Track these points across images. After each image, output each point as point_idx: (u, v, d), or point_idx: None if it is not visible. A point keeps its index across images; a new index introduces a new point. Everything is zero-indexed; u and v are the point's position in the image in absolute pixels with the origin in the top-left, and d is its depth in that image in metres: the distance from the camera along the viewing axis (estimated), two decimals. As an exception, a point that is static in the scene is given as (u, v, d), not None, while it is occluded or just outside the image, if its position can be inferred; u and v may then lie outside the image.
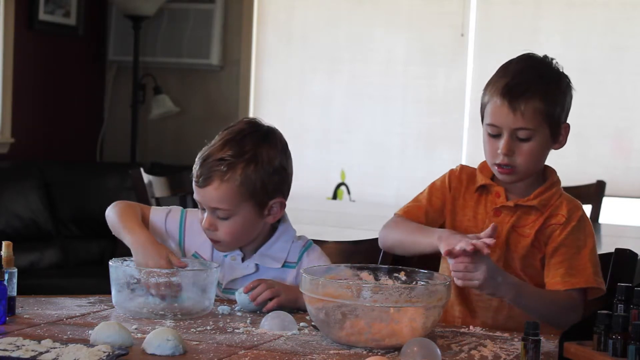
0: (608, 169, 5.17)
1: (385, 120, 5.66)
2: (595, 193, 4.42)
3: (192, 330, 1.96)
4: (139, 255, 2.17)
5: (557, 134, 2.23)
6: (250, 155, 2.22)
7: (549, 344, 1.96)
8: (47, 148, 5.69)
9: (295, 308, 2.15)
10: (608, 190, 4.53)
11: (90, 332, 1.84)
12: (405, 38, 5.63)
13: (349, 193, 5.63)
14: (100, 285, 2.34)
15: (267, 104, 5.92)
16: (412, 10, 5.61)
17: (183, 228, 2.34)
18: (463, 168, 2.33)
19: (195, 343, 1.86)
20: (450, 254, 2.05)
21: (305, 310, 2.00)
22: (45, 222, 5.08)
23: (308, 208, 4.46)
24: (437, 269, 2.30)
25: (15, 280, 2.04)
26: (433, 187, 2.32)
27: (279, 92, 5.91)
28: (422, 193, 2.33)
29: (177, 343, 1.76)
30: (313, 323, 1.99)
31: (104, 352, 1.71)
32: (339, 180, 5.64)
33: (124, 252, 2.26)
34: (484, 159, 2.27)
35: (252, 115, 5.86)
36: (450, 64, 5.49)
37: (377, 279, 2.09)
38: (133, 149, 5.82)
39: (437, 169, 2.38)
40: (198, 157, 2.27)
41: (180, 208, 2.38)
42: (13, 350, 1.71)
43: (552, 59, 2.27)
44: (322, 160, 5.67)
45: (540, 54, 2.27)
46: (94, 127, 6.08)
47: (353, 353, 1.84)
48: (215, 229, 2.25)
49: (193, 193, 2.31)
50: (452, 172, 2.33)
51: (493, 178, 2.27)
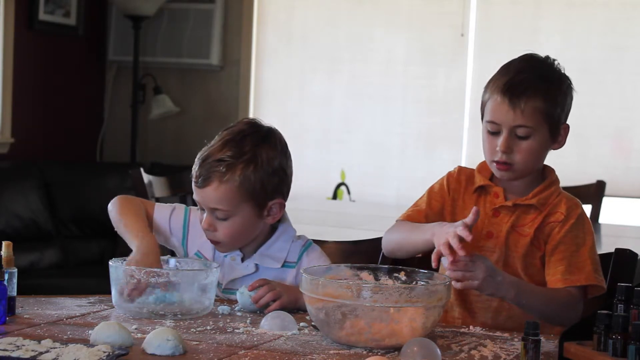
0: (608, 169, 5.17)
1: (385, 120, 5.66)
2: (595, 193, 4.42)
3: (192, 330, 1.96)
4: (136, 261, 2.16)
5: (556, 134, 2.23)
6: (250, 156, 2.22)
7: (549, 344, 1.96)
8: (47, 148, 5.69)
9: (296, 308, 2.15)
10: (608, 190, 4.53)
11: (90, 332, 1.84)
12: (405, 38, 5.63)
13: (349, 193, 5.63)
14: (100, 285, 2.34)
15: (267, 104, 5.92)
16: (412, 10, 5.61)
17: (187, 227, 2.34)
18: (461, 170, 2.33)
19: (195, 343, 1.86)
20: (442, 253, 2.04)
21: (305, 310, 2.00)
22: (45, 222, 5.08)
23: (308, 208, 4.46)
24: (437, 269, 2.30)
25: (15, 280, 2.04)
26: (432, 191, 2.32)
27: (279, 92, 5.91)
28: (421, 198, 2.33)
29: (177, 343, 1.76)
30: (313, 323, 1.99)
31: (104, 352, 1.71)
32: (339, 180, 5.64)
33: (124, 252, 2.26)
34: (483, 160, 2.28)
35: (252, 115, 5.87)
36: (450, 64, 5.49)
37: (377, 279, 2.09)
38: (133, 149, 5.82)
39: (437, 169, 2.38)
40: (197, 157, 2.27)
41: (184, 206, 2.38)
42: (13, 350, 1.71)
43: (553, 60, 2.27)
44: (322, 160, 5.67)
45: (542, 54, 2.28)
46: (94, 127, 6.08)
47: (353, 353, 1.84)
48: (215, 230, 2.25)
49: (193, 193, 2.31)
50: (449, 174, 2.33)
51: (492, 178, 2.28)
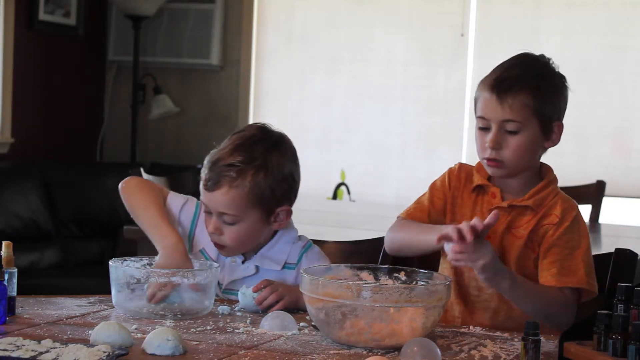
0: (608, 169, 5.17)
1: (385, 120, 5.66)
2: (595, 193, 4.42)
3: (192, 330, 1.96)
4: (162, 260, 2.16)
5: (548, 131, 2.22)
6: (261, 162, 2.23)
7: (549, 344, 1.96)
8: (47, 148, 5.69)
9: (296, 308, 2.15)
10: (608, 190, 4.53)
11: (90, 332, 1.84)
12: (405, 38, 5.63)
13: (349, 193, 5.63)
14: (100, 285, 2.34)
15: (267, 104, 5.92)
16: (412, 10, 5.61)
17: (195, 222, 2.34)
18: (462, 166, 2.33)
19: (195, 343, 1.86)
20: (451, 238, 2.03)
21: (306, 310, 2.00)
22: (45, 222, 5.08)
23: (308, 208, 4.46)
24: (437, 269, 2.30)
25: (15, 280, 2.04)
26: (434, 187, 2.32)
27: (279, 92, 5.91)
28: (423, 195, 2.33)
29: (177, 343, 1.76)
30: (313, 323, 1.99)
31: (104, 352, 1.71)
32: (339, 180, 5.64)
33: (124, 252, 2.26)
34: None
35: (252, 115, 5.87)
36: (450, 64, 5.49)
37: (377, 279, 2.09)
38: (133, 149, 5.82)
39: (437, 169, 2.38)
40: (207, 160, 2.26)
41: (196, 200, 2.38)
42: (13, 350, 1.71)
43: (548, 59, 2.27)
44: (322, 160, 5.67)
45: (542, 54, 2.27)
46: (94, 127, 6.08)
47: (353, 353, 1.84)
48: (221, 233, 2.25)
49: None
50: (451, 170, 2.33)
51: (490, 178, 2.27)
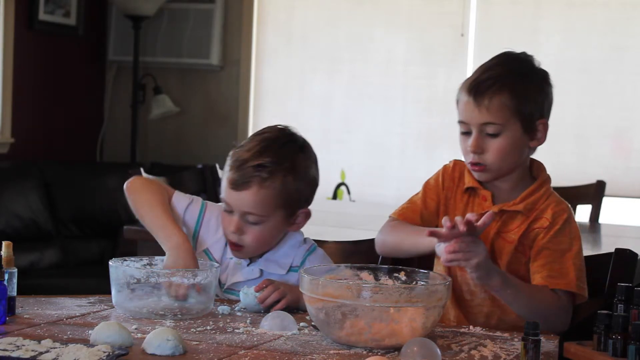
0: (608, 169, 5.16)
1: (385, 120, 5.66)
2: (595, 193, 4.42)
3: (192, 330, 1.96)
4: (178, 262, 2.16)
5: (531, 131, 2.18)
6: (290, 165, 2.24)
7: (549, 344, 1.96)
8: (47, 148, 5.69)
9: (298, 308, 2.15)
10: (608, 190, 4.53)
11: (90, 332, 1.84)
12: (405, 38, 5.63)
13: (349, 193, 5.63)
14: (100, 285, 2.34)
15: (267, 104, 5.92)
16: (412, 10, 5.61)
17: (200, 222, 2.34)
18: (456, 164, 2.30)
19: (195, 343, 1.86)
20: (442, 235, 2.02)
21: (306, 310, 2.00)
22: (45, 222, 5.08)
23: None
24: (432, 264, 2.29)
25: (15, 280, 2.04)
26: (427, 186, 2.31)
27: (279, 92, 5.91)
28: (417, 194, 2.31)
29: (177, 343, 1.76)
30: (313, 323, 1.99)
31: (104, 352, 1.71)
32: (339, 180, 5.64)
33: (124, 252, 2.26)
34: None
35: (252, 115, 5.88)
36: (450, 64, 5.49)
37: (377, 279, 2.09)
38: (133, 149, 5.82)
39: (437, 169, 2.37)
40: (232, 160, 2.25)
41: (201, 200, 2.38)
42: (13, 350, 1.71)
43: (530, 56, 2.22)
44: (322, 160, 5.57)
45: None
46: (94, 127, 6.08)
47: (353, 353, 1.84)
48: (242, 233, 2.24)
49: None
50: (445, 168, 2.31)
51: (481, 181, 2.24)
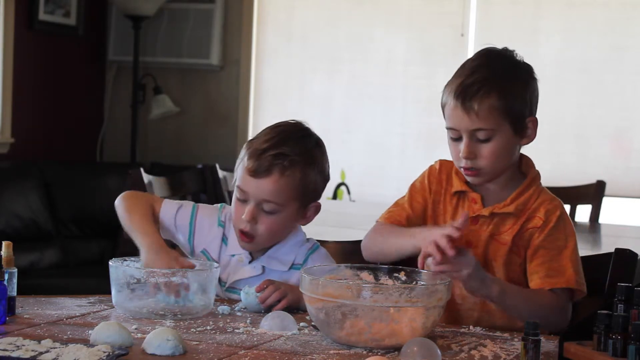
0: (608, 169, 5.16)
1: (385, 120, 5.67)
2: (595, 193, 4.42)
3: (192, 330, 1.96)
4: (149, 260, 2.17)
5: (521, 129, 2.14)
6: (309, 156, 2.25)
7: (549, 344, 1.96)
8: (47, 148, 5.69)
9: (297, 308, 2.15)
10: (608, 190, 4.53)
11: (90, 332, 1.84)
12: (405, 38, 5.63)
13: (349, 193, 5.63)
14: (100, 285, 2.34)
15: (267, 104, 5.92)
16: (412, 10, 5.61)
17: (193, 225, 2.34)
18: (442, 165, 2.26)
19: (195, 343, 1.86)
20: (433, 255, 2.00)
21: (306, 310, 2.00)
22: (45, 222, 5.08)
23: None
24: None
25: (15, 280, 2.04)
26: (413, 189, 2.27)
27: (279, 92, 5.91)
28: (403, 197, 2.28)
29: (177, 343, 1.76)
30: (313, 323, 1.99)
31: (104, 352, 1.71)
32: (339, 180, 5.64)
33: (124, 252, 2.26)
34: None
35: (252, 115, 5.88)
36: (450, 64, 5.43)
37: (377, 279, 2.09)
38: (133, 149, 5.82)
39: (435, 169, 2.36)
40: (250, 149, 2.24)
41: (192, 203, 2.37)
42: (13, 350, 1.71)
43: (512, 51, 2.18)
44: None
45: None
46: (94, 127, 6.09)
47: (353, 353, 1.84)
48: (256, 223, 2.24)
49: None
50: (431, 170, 2.27)
51: (469, 182, 2.21)
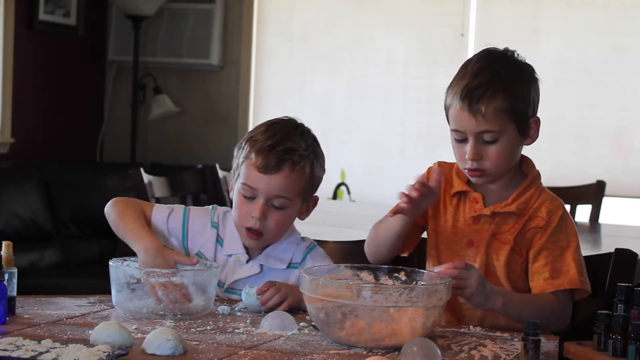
0: (608, 169, 5.16)
1: (385, 120, 5.67)
2: (595, 193, 4.42)
3: (192, 330, 1.96)
4: (147, 263, 2.17)
5: (525, 130, 2.16)
6: (314, 151, 2.28)
7: (549, 344, 1.96)
8: (47, 148, 5.69)
9: (299, 308, 2.15)
10: (608, 190, 4.53)
11: (90, 332, 1.84)
12: (405, 38, 5.63)
13: (349, 193, 5.63)
14: (100, 285, 2.34)
15: (267, 104, 5.92)
16: (412, 10, 5.61)
17: (186, 228, 2.34)
18: (441, 167, 2.25)
19: (195, 343, 1.86)
20: (404, 209, 2.04)
21: (306, 311, 2.00)
22: (45, 222, 5.08)
23: (308, 208, 4.45)
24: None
25: (15, 280, 2.04)
26: None
27: (279, 92, 5.91)
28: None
29: (177, 343, 1.76)
30: (313, 323, 1.99)
31: (104, 352, 1.71)
32: (339, 180, 5.64)
33: (124, 252, 2.26)
34: None
35: (252, 115, 5.88)
36: (450, 64, 5.45)
37: (377, 279, 2.09)
38: (133, 149, 5.82)
39: (436, 169, 2.36)
40: (256, 146, 2.23)
41: (183, 207, 2.38)
42: (13, 350, 1.71)
43: (513, 52, 2.20)
44: (322, 160, 5.66)
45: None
46: (94, 127, 6.09)
47: (353, 353, 1.84)
48: (266, 219, 2.24)
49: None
50: (430, 172, 2.26)
51: (470, 182, 2.22)
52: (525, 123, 2.16)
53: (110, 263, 2.13)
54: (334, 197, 5.59)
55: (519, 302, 2.11)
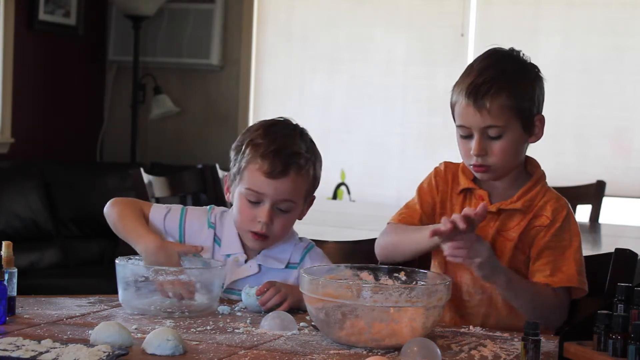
0: (608, 169, 5.16)
1: (385, 120, 5.66)
2: (595, 193, 4.43)
3: (192, 330, 1.96)
4: (151, 261, 2.17)
5: (530, 128, 2.18)
6: (314, 153, 2.31)
7: (549, 344, 1.96)
8: (47, 148, 5.69)
9: (299, 308, 2.15)
10: (608, 190, 4.53)
11: (90, 332, 1.84)
12: (405, 38, 5.63)
13: (349, 193, 5.63)
14: (100, 285, 2.34)
15: (267, 104, 5.92)
16: (412, 10, 5.61)
17: (183, 228, 2.33)
18: (447, 166, 2.30)
19: (195, 343, 1.86)
20: (444, 232, 2.02)
21: (306, 311, 2.00)
22: (45, 222, 5.08)
23: (308, 208, 4.45)
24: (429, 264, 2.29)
25: (15, 280, 2.04)
26: (421, 190, 2.29)
27: (279, 92, 5.91)
28: (412, 199, 2.30)
29: (177, 343, 1.76)
30: (313, 323, 1.99)
31: (104, 352, 1.71)
32: (339, 180, 5.64)
33: (124, 251, 2.26)
34: None
35: (252, 115, 5.87)
36: (450, 64, 5.48)
37: (377, 279, 2.09)
38: (133, 149, 5.82)
39: (436, 169, 2.36)
40: (260, 150, 2.23)
41: (181, 207, 2.37)
42: (13, 350, 1.71)
43: (518, 51, 2.23)
44: (322, 160, 5.66)
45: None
46: (94, 127, 6.09)
47: (353, 353, 1.84)
48: (272, 223, 2.25)
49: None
50: (437, 171, 2.30)
51: (475, 179, 2.24)
52: (530, 121, 2.18)
53: (117, 261, 2.13)
54: (334, 197, 5.59)
55: (520, 284, 2.13)
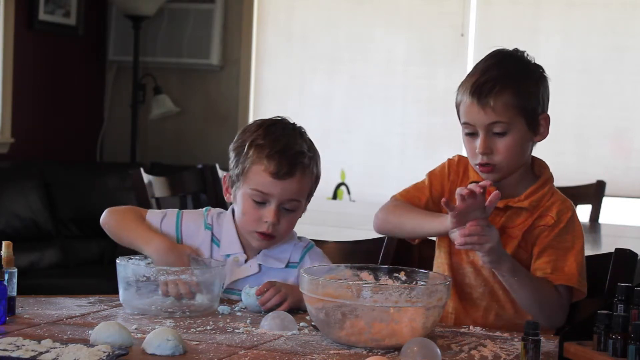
0: (608, 169, 5.16)
1: (385, 120, 5.66)
2: (595, 193, 4.42)
3: (192, 330, 1.96)
4: (162, 263, 2.18)
5: (535, 126, 2.19)
6: (314, 151, 2.33)
7: (549, 344, 1.96)
8: (47, 148, 5.69)
9: (299, 308, 2.15)
10: (608, 190, 4.53)
11: (90, 332, 1.84)
12: (405, 38, 5.63)
13: (349, 193, 5.63)
14: (100, 285, 2.34)
15: (267, 104, 5.92)
16: (412, 10, 5.61)
17: (180, 231, 2.33)
18: (461, 159, 2.31)
19: (195, 343, 1.86)
20: (452, 205, 2.04)
21: (306, 311, 2.00)
22: (45, 222, 5.08)
23: (308, 208, 4.45)
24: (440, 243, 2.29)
25: (15, 280, 2.04)
26: (432, 175, 2.31)
27: (279, 92, 5.91)
28: (422, 181, 2.31)
29: (177, 343, 1.76)
30: (313, 323, 1.99)
31: (104, 352, 1.71)
32: (339, 180, 5.64)
33: (124, 251, 2.26)
34: None
35: (252, 115, 5.87)
36: (450, 64, 5.49)
37: (377, 279, 2.09)
38: (133, 149, 5.82)
39: (437, 169, 2.36)
40: (265, 151, 2.23)
41: (176, 211, 2.37)
42: (13, 350, 1.71)
43: (522, 52, 2.24)
44: (322, 160, 5.66)
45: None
46: (94, 127, 6.09)
47: (353, 353, 1.84)
48: (278, 223, 2.25)
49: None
50: (450, 161, 2.31)
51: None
52: (535, 119, 2.19)
53: (118, 261, 2.14)
54: (334, 197, 5.59)
55: (524, 274, 2.14)
